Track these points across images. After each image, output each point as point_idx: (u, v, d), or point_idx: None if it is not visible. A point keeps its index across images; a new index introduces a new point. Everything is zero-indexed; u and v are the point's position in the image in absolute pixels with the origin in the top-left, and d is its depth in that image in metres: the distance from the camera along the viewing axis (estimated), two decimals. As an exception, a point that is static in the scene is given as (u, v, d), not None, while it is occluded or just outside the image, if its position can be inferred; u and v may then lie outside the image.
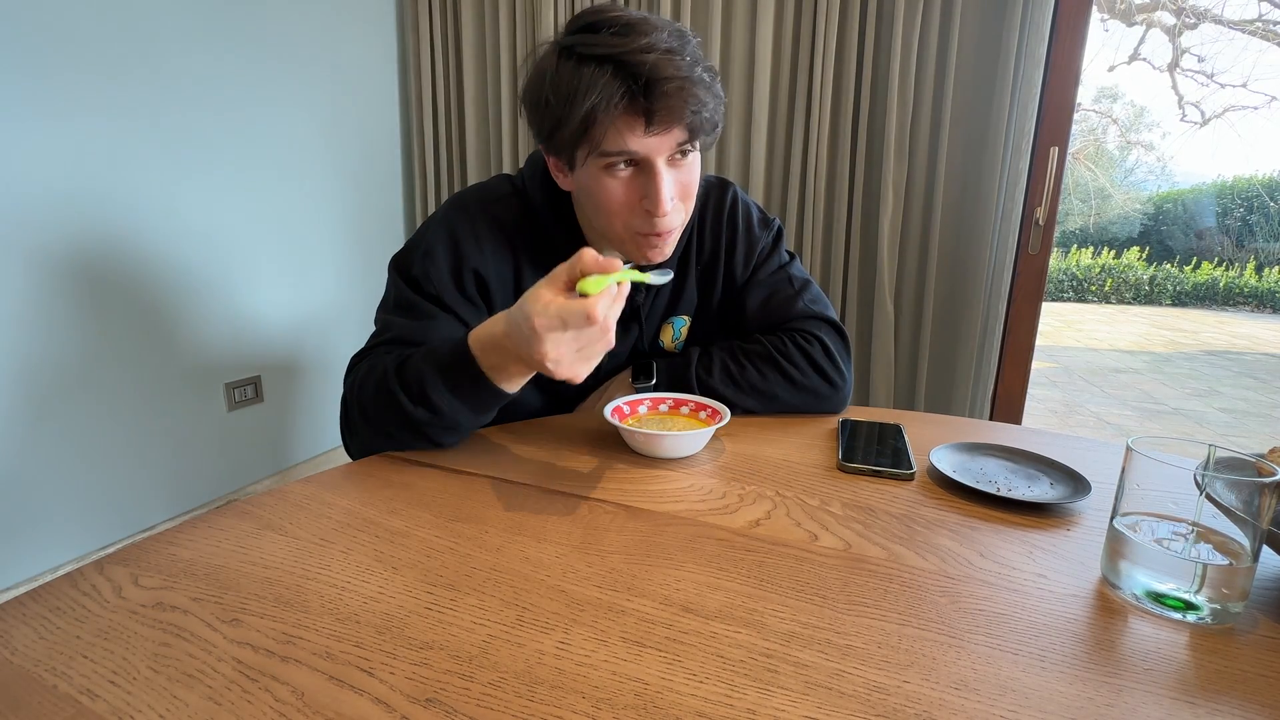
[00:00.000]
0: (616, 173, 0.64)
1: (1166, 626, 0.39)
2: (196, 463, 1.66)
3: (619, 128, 0.60)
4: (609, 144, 0.61)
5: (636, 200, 0.65)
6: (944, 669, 0.35)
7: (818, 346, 0.77)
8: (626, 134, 0.60)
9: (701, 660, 0.35)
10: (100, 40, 1.35)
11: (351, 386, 0.67)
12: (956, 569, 0.45)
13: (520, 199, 0.78)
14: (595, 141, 0.61)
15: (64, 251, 1.34)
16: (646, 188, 0.64)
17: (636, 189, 0.64)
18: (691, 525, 0.50)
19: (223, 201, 1.63)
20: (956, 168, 1.67)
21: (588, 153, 0.63)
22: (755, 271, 0.83)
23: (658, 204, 0.63)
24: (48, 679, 0.33)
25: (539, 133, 0.66)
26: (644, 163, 0.63)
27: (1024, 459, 0.62)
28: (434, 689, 0.33)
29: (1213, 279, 8.90)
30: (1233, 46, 13.32)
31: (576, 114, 0.59)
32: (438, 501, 0.54)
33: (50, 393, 1.34)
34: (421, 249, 0.73)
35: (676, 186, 0.65)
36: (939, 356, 1.76)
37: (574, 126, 0.60)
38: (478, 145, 2.12)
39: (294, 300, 1.86)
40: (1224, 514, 0.40)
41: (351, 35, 1.95)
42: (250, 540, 0.47)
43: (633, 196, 0.65)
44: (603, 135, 0.60)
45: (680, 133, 0.62)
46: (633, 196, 0.65)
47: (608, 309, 0.48)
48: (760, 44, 1.71)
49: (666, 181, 0.63)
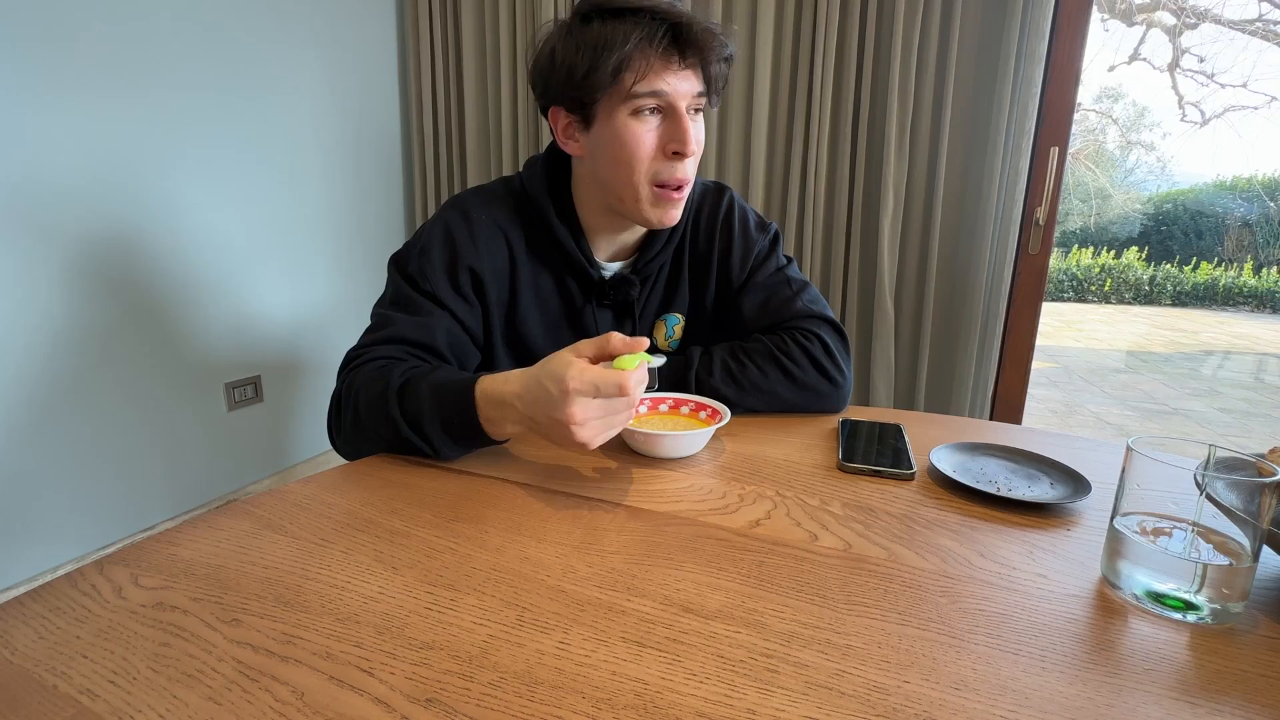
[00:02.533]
0: (645, 118, 0.68)
1: (1166, 626, 0.39)
2: (196, 463, 1.66)
3: (655, 67, 0.65)
4: (643, 84, 0.65)
5: (662, 145, 0.69)
6: (944, 669, 0.35)
7: (818, 344, 0.77)
8: (662, 72, 0.65)
9: (701, 660, 0.35)
10: (99, 41, 1.35)
11: (347, 387, 0.67)
12: (956, 569, 0.45)
13: (517, 200, 0.79)
14: (627, 83, 0.65)
15: (64, 252, 1.34)
16: (673, 131, 0.68)
17: (662, 134, 0.69)
18: (691, 525, 0.50)
19: (223, 201, 1.63)
20: (956, 168, 1.67)
21: (615, 100, 0.67)
22: (753, 274, 0.84)
23: (685, 141, 0.67)
24: (48, 679, 0.33)
25: (560, 92, 0.69)
26: (669, 109, 0.68)
27: (1024, 459, 0.62)
28: (434, 689, 0.33)
29: (1213, 279, 8.90)
30: (1233, 46, 13.31)
31: (609, 61, 0.64)
32: (438, 501, 0.54)
33: (50, 393, 1.34)
34: (419, 247, 0.75)
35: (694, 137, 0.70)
36: (939, 356, 1.76)
37: (607, 69, 0.64)
38: (478, 145, 2.12)
39: (294, 300, 1.86)
40: (1224, 514, 0.39)
41: (351, 35, 1.95)
42: (250, 540, 0.47)
43: (660, 142, 0.69)
44: (637, 75, 0.65)
45: (698, 81, 0.68)
46: (660, 142, 0.69)
47: (639, 384, 0.51)
48: (760, 44, 1.71)
49: (692, 126, 0.68)
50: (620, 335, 0.53)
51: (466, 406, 0.59)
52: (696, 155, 0.72)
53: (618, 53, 0.64)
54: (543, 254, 0.79)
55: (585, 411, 0.51)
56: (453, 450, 0.62)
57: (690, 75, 0.67)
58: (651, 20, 0.64)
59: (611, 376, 0.50)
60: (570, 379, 0.50)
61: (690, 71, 0.67)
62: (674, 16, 0.65)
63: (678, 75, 0.66)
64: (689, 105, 0.68)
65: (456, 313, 0.73)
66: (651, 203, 0.72)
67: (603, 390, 0.50)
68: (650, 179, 0.70)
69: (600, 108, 0.68)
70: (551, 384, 0.51)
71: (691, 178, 0.72)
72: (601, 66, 0.64)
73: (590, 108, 0.68)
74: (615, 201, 0.73)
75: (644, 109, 0.67)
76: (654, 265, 0.82)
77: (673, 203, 0.72)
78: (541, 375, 0.53)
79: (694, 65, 0.67)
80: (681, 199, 0.73)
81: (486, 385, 0.59)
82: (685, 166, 0.70)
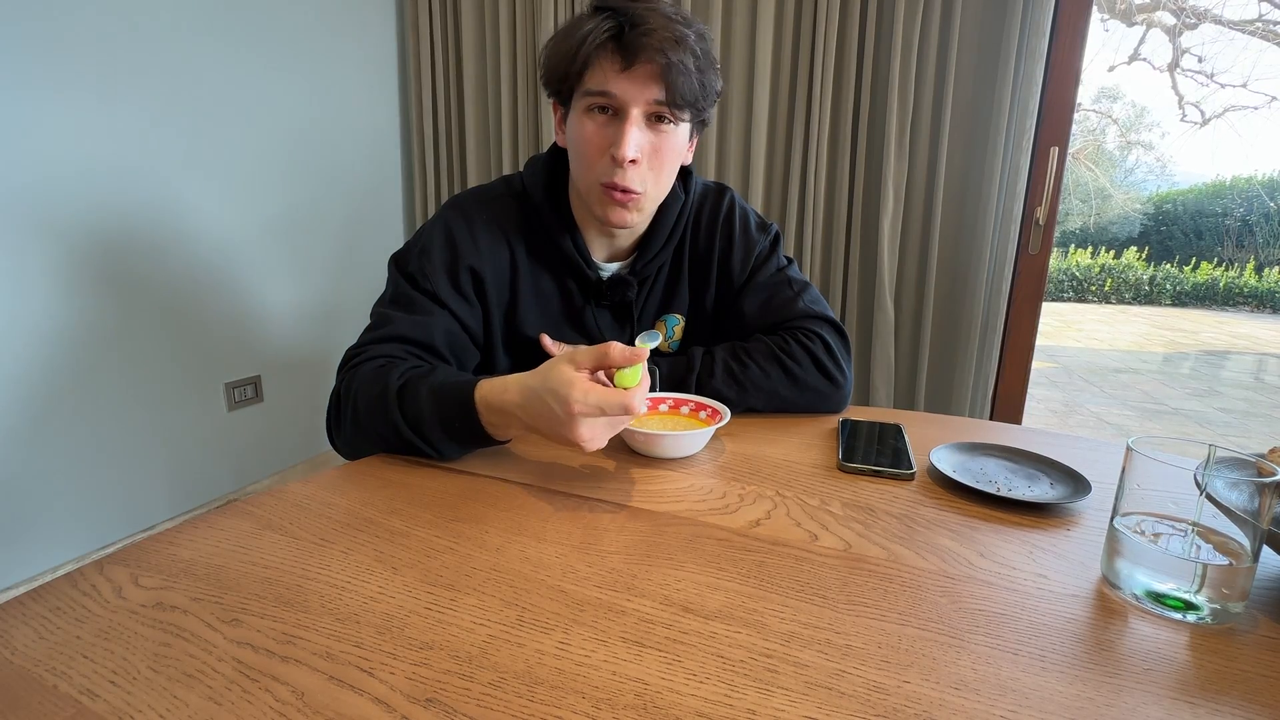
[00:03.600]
0: (594, 116, 0.68)
1: (1166, 626, 0.39)
2: (196, 463, 1.66)
3: (602, 65, 0.65)
4: (591, 81, 0.66)
5: (606, 146, 0.68)
6: (944, 669, 0.35)
7: (819, 344, 0.77)
8: (609, 73, 0.65)
9: (701, 660, 0.35)
10: (99, 41, 1.35)
11: (346, 387, 0.67)
12: (956, 569, 0.45)
13: (518, 199, 0.79)
14: (583, 80, 0.66)
15: (64, 252, 1.34)
16: (614, 135, 0.67)
17: (608, 136, 0.68)
18: (691, 525, 0.50)
19: (222, 201, 1.63)
20: (956, 168, 1.67)
21: (578, 96, 0.68)
22: (753, 274, 0.84)
23: (620, 146, 0.66)
24: (48, 679, 0.33)
25: (547, 75, 0.70)
26: (620, 112, 0.67)
27: (1024, 459, 0.62)
28: (434, 689, 0.33)
29: (1212, 279, 8.90)
30: (1233, 46, 13.32)
31: (571, 49, 0.65)
32: (438, 501, 0.54)
33: (50, 393, 1.34)
34: (419, 247, 0.75)
35: (647, 148, 0.68)
36: (939, 356, 1.76)
37: (568, 61, 0.66)
38: (478, 145, 2.12)
39: (294, 300, 1.86)
40: (1224, 514, 0.39)
41: (351, 35, 1.95)
42: (250, 540, 0.47)
43: (604, 143, 0.68)
44: (588, 72, 0.66)
45: (656, 88, 0.65)
46: (604, 143, 0.68)
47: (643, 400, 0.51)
48: (760, 44, 1.71)
49: (634, 132, 0.66)
50: (620, 346, 0.52)
51: (468, 414, 0.58)
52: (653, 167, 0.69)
53: (576, 48, 0.65)
54: (543, 254, 0.79)
55: (592, 430, 0.51)
56: (455, 451, 0.62)
57: (646, 80, 0.64)
58: (607, 17, 0.64)
59: (615, 398, 0.49)
60: (574, 402, 0.49)
61: (645, 75, 0.64)
62: (628, 18, 0.63)
63: (626, 77, 0.64)
64: (646, 111, 0.66)
65: (456, 312, 0.73)
66: (599, 201, 0.71)
67: (608, 412, 0.50)
68: (599, 179, 0.69)
69: (572, 101, 0.69)
70: (555, 404, 0.51)
71: (637, 187, 0.69)
72: (566, 55, 0.66)
73: (566, 100, 0.70)
74: (583, 197, 0.74)
75: (594, 107, 0.67)
76: (652, 266, 0.82)
77: (616, 204, 0.70)
78: (543, 390, 0.52)
79: (649, 70, 0.64)
80: (628, 202, 0.70)
81: (486, 393, 0.58)
82: (627, 173, 0.67)
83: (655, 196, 0.73)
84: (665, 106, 0.66)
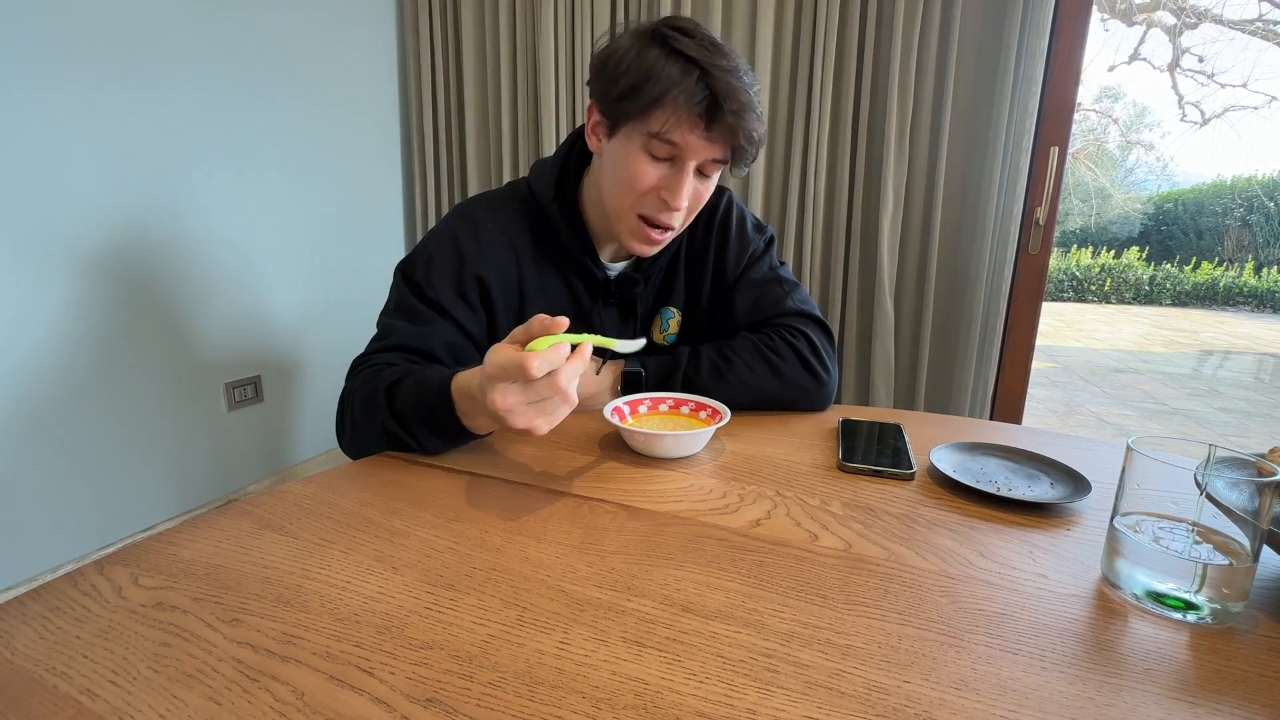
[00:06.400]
0: (654, 153, 0.69)
1: (1166, 626, 0.39)
2: (196, 463, 1.66)
3: (680, 118, 0.66)
4: (666, 131, 0.66)
5: (658, 188, 0.70)
6: (944, 669, 0.35)
7: (804, 341, 0.78)
8: (686, 130, 0.66)
9: (701, 660, 0.35)
10: (101, 43, 1.35)
11: (349, 391, 0.69)
12: (956, 569, 0.45)
13: (525, 206, 0.80)
14: (652, 122, 0.66)
15: (63, 252, 1.34)
16: (671, 180, 0.69)
17: (661, 177, 0.70)
18: (691, 525, 0.50)
19: (222, 202, 1.63)
20: (956, 168, 1.66)
21: (638, 128, 0.68)
22: (746, 271, 0.86)
23: (676, 195, 0.69)
24: (48, 679, 0.33)
25: (604, 90, 0.69)
26: (678, 160, 0.69)
27: (1024, 459, 0.62)
28: (434, 689, 0.33)
29: (1213, 279, 8.90)
30: (1233, 46, 13.32)
31: (650, 92, 0.64)
32: (438, 501, 0.54)
33: (50, 393, 1.34)
34: (425, 255, 0.76)
35: (693, 194, 0.71)
36: (939, 356, 1.76)
37: (642, 101, 0.65)
38: (478, 145, 2.11)
39: (294, 300, 1.86)
40: (1224, 514, 0.39)
41: (351, 36, 1.95)
42: (250, 540, 0.47)
43: (657, 184, 0.70)
44: (663, 122, 0.66)
45: (722, 150, 0.68)
46: (657, 184, 0.70)
47: (549, 366, 0.48)
48: (760, 44, 1.71)
49: (689, 182, 0.69)
50: (543, 316, 0.51)
51: (446, 402, 0.59)
52: (691, 213, 0.73)
53: (658, 89, 0.64)
54: (550, 257, 0.80)
55: (505, 398, 0.49)
56: (435, 444, 0.63)
57: (715, 142, 0.67)
58: (699, 80, 0.64)
59: (516, 359, 0.48)
60: (487, 365, 0.50)
61: (716, 139, 0.67)
62: (719, 86, 0.64)
63: (701, 138, 0.67)
64: (701, 164, 0.69)
65: (460, 320, 0.74)
66: (632, 232, 0.73)
67: (509, 373, 0.48)
68: (636, 210, 0.72)
69: (625, 126, 0.69)
70: (482, 374, 0.51)
71: (677, 226, 0.73)
72: (641, 94, 0.65)
73: (618, 121, 0.69)
74: (608, 215, 0.76)
75: (657, 151, 0.68)
76: (656, 264, 0.84)
77: (650, 240, 0.73)
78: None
79: (723, 137, 0.67)
80: (661, 240, 0.74)
81: (461, 379, 0.59)
82: (673, 216, 0.71)
83: (681, 229, 0.77)
84: (720, 164, 0.71)
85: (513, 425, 0.50)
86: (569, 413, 0.52)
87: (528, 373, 0.47)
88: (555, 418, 0.52)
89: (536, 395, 0.50)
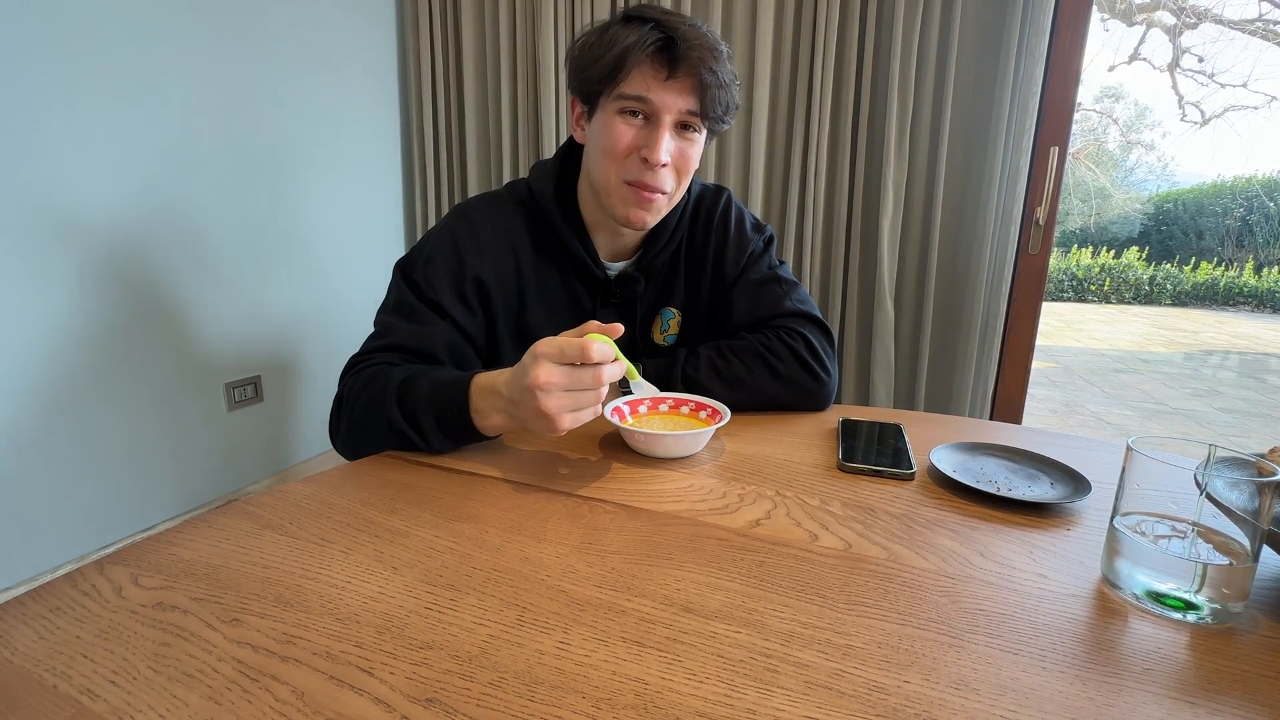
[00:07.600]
0: (627, 119, 0.70)
1: (1166, 626, 0.39)
2: (196, 463, 1.66)
3: (643, 73, 0.68)
4: (629, 87, 0.68)
5: (636, 148, 0.71)
6: (944, 669, 0.35)
7: (802, 342, 0.78)
8: (650, 80, 0.68)
9: (701, 660, 0.35)
10: (104, 46, 1.35)
11: (347, 391, 0.69)
12: (956, 569, 0.45)
13: (525, 207, 0.80)
14: (620, 85, 0.69)
15: (63, 253, 1.34)
16: (648, 137, 0.70)
17: (640, 138, 0.71)
18: (691, 525, 0.50)
19: (222, 201, 1.63)
20: (956, 168, 1.67)
21: (610, 98, 0.70)
22: (745, 271, 0.86)
23: (655, 149, 0.69)
24: (48, 679, 0.33)
25: (576, 75, 0.73)
26: (653, 117, 0.70)
27: (1024, 459, 0.62)
28: (434, 689, 0.33)
29: (1213, 279, 8.90)
30: (1233, 46, 13.34)
31: (612, 54, 0.68)
32: (438, 501, 0.54)
33: (50, 393, 1.34)
34: (425, 255, 0.76)
35: (675, 153, 0.72)
36: (939, 356, 1.76)
37: (606, 64, 0.68)
38: (478, 145, 2.11)
39: (294, 300, 1.86)
40: (1224, 514, 0.39)
41: (351, 35, 1.95)
42: (250, 540, 0.47)
43: (635, 144, 0.71)
44: (629, 81, 0.68)
45: (691, 99, 0.69)
46: (635, 144, 0.71)
47: (602, 357, 0.52)
48: (760, 44, 1.71)
49: (666, 138, 0.70)
50: (598, 322, 0.56)
51: (462, 398, 0.60)
52: (677, 171, 0.73)
53: (617, 52, 0.67)
54: (550, 258, 0.80)
55: (550, 375, 0.52)
56: (442, 443, 0.63)
57: (682, 90, 0.69)
58: (653, 28, 0.67)
59: (573, 340, 0.52)
60: (539, 344, 0.53)
61: (682, 87, 0.68)
62: (675, 33, 0.66)
63: (665, 87, 0.68)
64: (676, 119, 0.70)
65: (459, 321, 0.74)
66: (622, 198, 0.73)
67: (567, 352, 0.52)
68: (623, 176, 0.72)
69: (600, 102, 0.71)
70: (526, 356, 0.54)
71: (666, 188, 0.73)
72: (605, 58, 0.68)
73: (594, 100, 0.72)
74: (599, 194, 0.75)
75: (629, 110, 0.70)
76: (656, 263, 0.84)
77: (642, 202, 0.73)
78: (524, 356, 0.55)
79: (686, 81, 0.68)
80: (653, 201, 0.73)
81: (482, 377, 0.61)
82: (657, 175, 0.71)
83: (673, 200, 0.76)
84: (696, 117, 0.70)
85: (543, 407, 0.52)
86: (590, 419, 0.56)
87: (587, 353, 0.51)
88: (580, 417, 0.54)
89: (578, 382, 0.53)
